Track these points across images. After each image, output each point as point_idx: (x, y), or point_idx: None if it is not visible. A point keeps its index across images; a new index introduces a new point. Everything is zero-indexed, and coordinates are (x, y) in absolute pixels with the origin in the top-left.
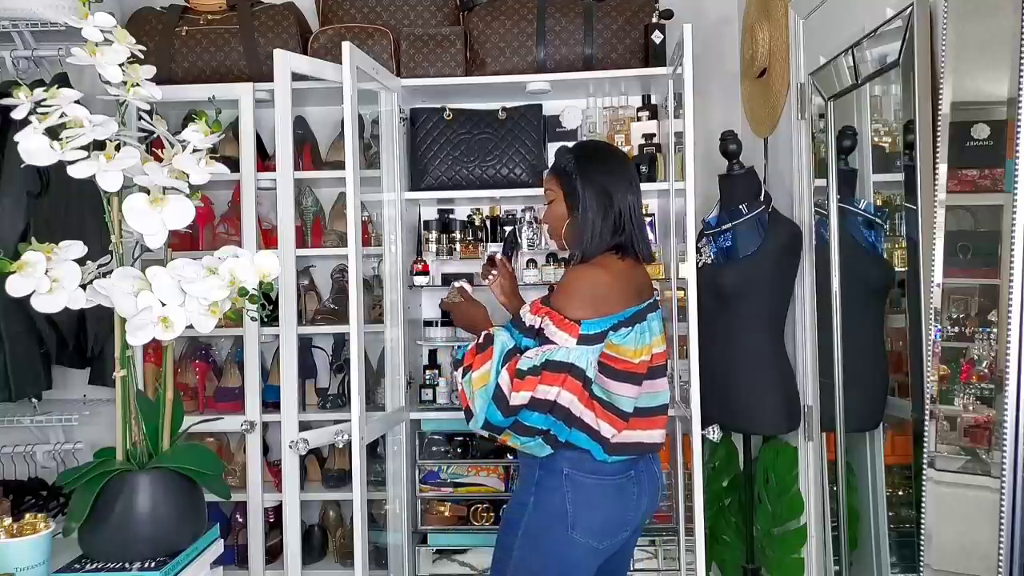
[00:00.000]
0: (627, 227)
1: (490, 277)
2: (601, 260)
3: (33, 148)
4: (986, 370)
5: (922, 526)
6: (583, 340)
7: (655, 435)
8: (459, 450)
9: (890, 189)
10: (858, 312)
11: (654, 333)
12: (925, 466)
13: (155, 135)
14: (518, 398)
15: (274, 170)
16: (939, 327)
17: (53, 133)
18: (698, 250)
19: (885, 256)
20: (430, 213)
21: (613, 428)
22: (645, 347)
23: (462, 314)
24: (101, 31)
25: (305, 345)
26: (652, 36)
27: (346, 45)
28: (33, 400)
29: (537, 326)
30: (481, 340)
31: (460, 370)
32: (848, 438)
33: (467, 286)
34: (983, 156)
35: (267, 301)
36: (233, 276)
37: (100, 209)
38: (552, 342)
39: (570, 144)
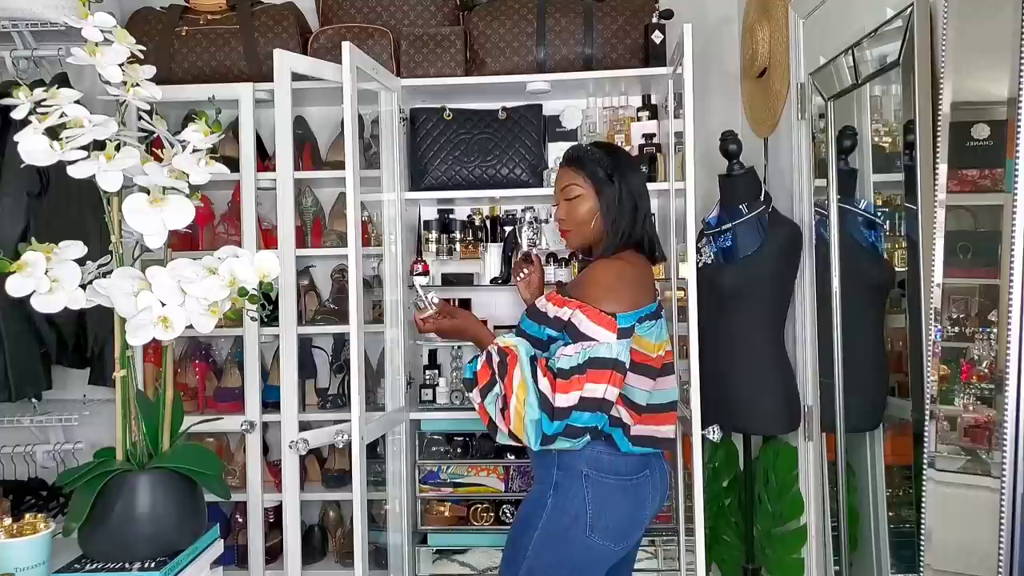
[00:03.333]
0: (650, 227)
1: (523, 274)
2: (625, 255)
3: (33, 148)
4: (986, 370)
5: (922, 526)
6: (622, 334)
7: (668, 430)
8: (459, 450)
9: (890, 189)
10: (858, 312)
11: (664, 330)
12: (925, 466)
13: (155, 135)
14: (566, 400)
15: (274, 170)
16: (939, 327)
17: (53, 133)
18: (698, 250)
19: (885, 256)
20: (430, 213)
21: (628, 418)
22: (663, 342)
23: (453, 327)
24: (101, 31)
25: (305, 345)
26: (652, 36)
27: (346, 45)
28: (33, 400)
29: (566, 319)
30: (495, 355)
31: (477, 391)
32: (848, 438)
33: (435, 297)
34: (983, 156)
35: (267, 301)
36: (233, 276)
37: (100, 209)
38: (588, 337)
39: (585, 144)
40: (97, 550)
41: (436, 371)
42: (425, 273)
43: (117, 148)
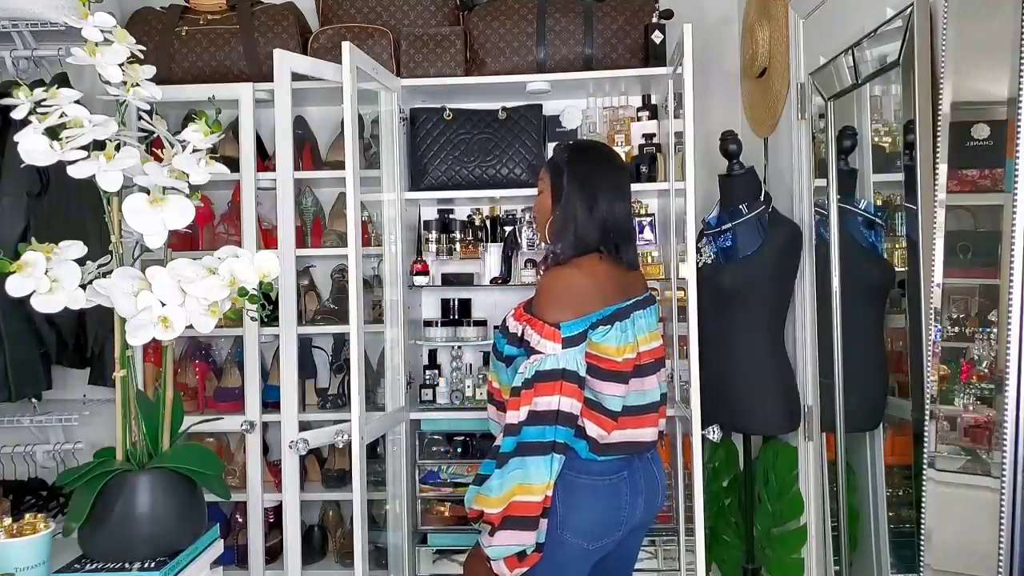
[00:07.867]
0: (611, 233)
1: None
2: (577, 262)
3: (33, 148)
4: (986, 370)
5: (922, 526)
6: (567, 343)
7: (647, 433)
8: (459, 450)
9: (890, 189)
10: (858, 312)
11: (641, 330)
12: (925, 466)
13: (155, 135)
14: (515, 416)
15: (274, 170)
16: (939, 327)
17: (53, 133)
18: (698, 250)
19: (885, 256)
20: (430, 213)
21: (600, 428)
22: (629, 345)
23: None
24: (101, 31)
25: (305, 345)
26: (652, 36)
27: (346, 45)
28: (33, 400)
29: (520, 334)
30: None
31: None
32: (848, 438)
33: None
34: (983, 156)
35: (267, 301)
36: (233, 276)
37: (100, 209)
38: (536, 351)
39: (572, 140)
40: (97, 550)
41: (436, 371)
42: None
43: (117, 148)
